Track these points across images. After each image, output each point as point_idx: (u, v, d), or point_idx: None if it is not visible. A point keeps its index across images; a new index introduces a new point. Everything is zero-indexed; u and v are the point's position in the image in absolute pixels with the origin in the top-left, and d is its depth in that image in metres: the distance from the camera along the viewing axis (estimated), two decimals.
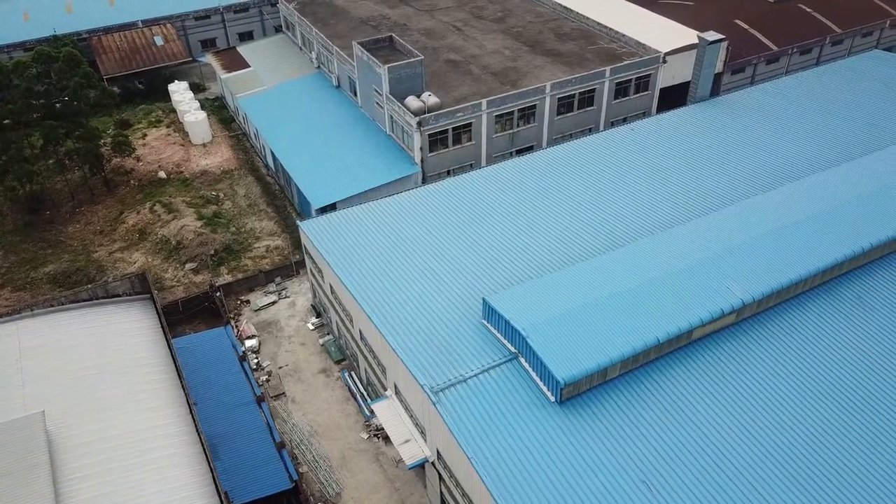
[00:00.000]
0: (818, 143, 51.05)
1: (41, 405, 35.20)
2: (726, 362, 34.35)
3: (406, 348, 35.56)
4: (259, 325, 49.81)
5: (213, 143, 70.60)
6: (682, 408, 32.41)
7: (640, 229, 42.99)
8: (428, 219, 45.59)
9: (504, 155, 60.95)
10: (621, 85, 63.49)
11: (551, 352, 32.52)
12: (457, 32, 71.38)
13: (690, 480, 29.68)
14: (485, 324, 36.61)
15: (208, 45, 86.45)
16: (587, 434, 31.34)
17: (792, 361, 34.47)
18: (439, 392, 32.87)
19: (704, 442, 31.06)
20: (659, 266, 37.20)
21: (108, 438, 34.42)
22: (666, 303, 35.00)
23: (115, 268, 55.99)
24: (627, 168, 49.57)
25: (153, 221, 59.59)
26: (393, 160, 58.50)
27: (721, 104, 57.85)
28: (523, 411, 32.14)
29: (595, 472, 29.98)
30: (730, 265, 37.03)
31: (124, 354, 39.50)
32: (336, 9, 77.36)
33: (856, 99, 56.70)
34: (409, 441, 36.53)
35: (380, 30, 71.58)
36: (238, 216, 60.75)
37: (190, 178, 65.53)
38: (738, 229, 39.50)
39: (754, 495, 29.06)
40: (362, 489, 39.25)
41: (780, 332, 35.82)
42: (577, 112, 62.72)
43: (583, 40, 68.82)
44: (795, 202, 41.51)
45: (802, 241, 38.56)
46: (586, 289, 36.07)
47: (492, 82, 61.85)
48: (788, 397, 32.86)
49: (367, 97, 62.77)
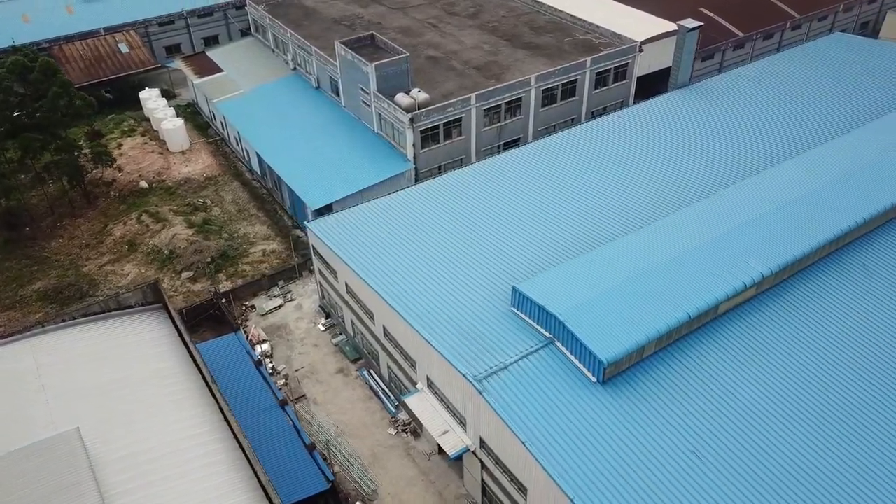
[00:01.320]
0: (807, 121, 53.40)
1: (70, 422, 34.17)
2: (751, 334, 35.71)
3: (441, 340, 35.84)
4: (268, 330, 49.28)
5: (192, 149, 69.27)
6: (716, 379, 33.59)
7: (653, 210, 44.14)
8: (439, 211, 45.93)
9: (492, 148, 61.67)
10: (601, 75, 64.89)
11: (590, 334, 33.27)
12: (433, 29, 71.72)
13: (734, 447, 30.84)
14: (514, 311, 37.14)
15: (173, 51, 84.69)
16: (631, 410, 32.20)
17: (811, 329, 36.06)
18: (483, 380, 33.25)
19: (741, 410, 32.27)
20: (679, 245, 38.41)
21: (144, 451, 33.67)
22: (691, 280, 36.18)
23: (108, 281, 54.54)
24: (631, 152, 50.96)
25: (142, 232, 58.23)
26: (384, 158, 58.50)
27: (702, 89, 59.72)
28: (567, 393, 32.79)
29: (644, 445, 30.85)
30: (746, 241, 38.48)
31: (146, 365, 38.62)
32: (307, 10, 76.77)
33: (830, 78, 59.35)
34: (447, 432, 36.80)
35: (354, 29, 71.39)
36: (229, 222, 59.83)
37: (173, 186, 64.19)
38: (748, 205, 41.08)
39: (794, 458, 30.35)
40: (398, 484, 39.34)
41: (796, 302, 37.41)
42: (560, 103, 63.83)
43: (558, 33, 70.00)
44: (798, 177, 43.36)
45: (809, 214, 40.34)
46: (613, 271, 36.98)
47: (476, 77, 62.41)
48: (812, 364, 34.39)
49: (351, 96, 62.54)
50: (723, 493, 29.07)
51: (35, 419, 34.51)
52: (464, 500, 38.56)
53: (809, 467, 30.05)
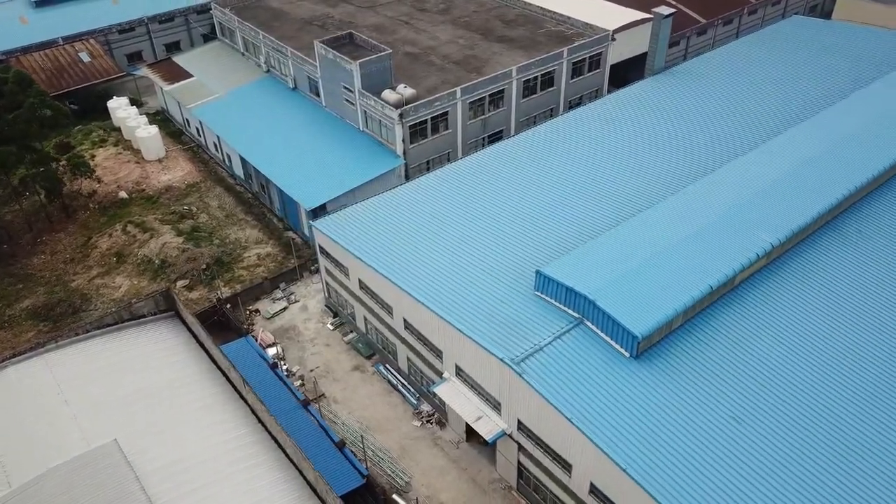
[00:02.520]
0: (790, 98, 55.82)
1: (102, 435, 33.43)
2: (767, 301, 37.29)
3: (472, 327, 36.27)
4: (276, 333, 48.83)
5: (169, 157, 67.88)
6: (742, 346, 34.98)
7: (661, 189, 45.46)
8: (446, 203, 46.40)
9: (477, 141, 62.37)
10: (577, 65, 66.24)
11: (622, 311, 34.22)
12: (406, 26, 71.94)
13: (770, 409, 32.20)
14: (539, 295, 37.83)
15: (135, 59, 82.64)
16: (667, 381, 33.28)
17: (820, 293, 37.93)
18: (520, 363, 33.84)
19: (771, 373, 33.71)
20: (691, 222, 39.80)
21: (184, 458, 33.17)
22: (708, 254, 37.56)
23: (100, 295, 53.14)
24: (630, 135, 52.43)
25: (129, 243, 56.87)
26: (373, 155, 58.49)
27: (679, 74, 61.63)
28: (603, 370, 33.66)
29: (684, 413, 31.95)
30: (753, 214, 40.15)
31: (168, 373, 37.98)
32: (275, 11, 76.03)
33: (799, 58, 62.00)
34: (481, 418, 37.27)
35: (327, 29, 71.11)
36: (218, 228, 58.92)
37: (154, 195, 62.82)
38: (750, 180, 42.91)
39: (825, 416, 31.89)
40: (430, 475, 39.62)
41: (803, 269, 39.24)
42: (540, 94, 64.91)
43: (530, 25, 71.11)
44: (791, 151, 45.40)
45: (807, 185, 42.30)
46: (632, 250, 38.07)
47: (457, 71, 62.95)
48: (828, 322, 36.17)
49: (333, 96, 62.30)
50: (766, 455, 30.36)
51: (66, 434, 33.63)
52: (498, 485, 39.09)
53: (844, 422, 31.63)
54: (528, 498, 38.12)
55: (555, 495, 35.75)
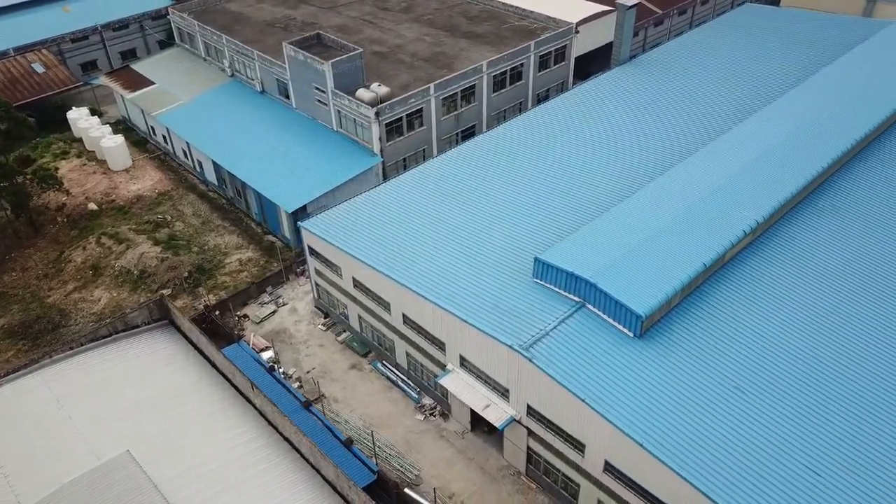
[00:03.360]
0: (754, 82, 57.75)
1: (111, 447, 32.88)
2: (756, 276, 38.75)
3: (476, 317, 36.73)
4: (267, 336, 48.40)
5: (136, 166, 66.51)
6: (737, 319, 36.28)
7: (644, 174, 46.65)
8: (434, 197, 46.77)
9: (451, 137, 62.87)
10: (543, 58, 67.34)
11: (623, 292, 35.16)
12: (371, 25, 71.96)
13: (769, 379, 33.48)
14: (538, 282, 38.51)
15: (89, 68, 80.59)
16: (671, 358, 34.34)
17: (803, 265, 39.52)
18: (528, 349, 34.46)
19: (766, 343, 35.05)
20: (678, 204, 41.06)
21: (199, 465, 32.83)
22: (698, 234, 38.83)
23: (79, 309, 51.82)
24: (608, 121, 53.72)
25: (105, 255, 55.57)
26: (350, 155, 58.43)
27: (644, 63, 63.19)
28: (610, 351, 34.52)
29: (691, 387, 33.03)
30: (735, 194, 41.64)
31: (170, 382, 37.48)
32: (234, 15, 75.15)
33: (756, 44, 64.30)
34: (489, 406, 37.77)
35: (290, 31, 70.64)
36: (196, 235, 58.03)
37: (125, 205, 61.49)
38: (728, 161, 44.47)
39: (820, 379, 33.35)
40: (438, 466, 39.95)
41: (785, 243, 40.86)
42: (509, 87, 65.78)
43: (494, 20, 71.96)
44: (763, 131, 47.31)
45: (782, 163, 44.02)
46: (624, 234, 39.07)
47: (427, 68, 63.32)
48: (813, 294, 37.74)
49: (304, 97, 61.96)
50: (769, 419, 31.62)
51: (73, 450, 32.92)
52: (507, 471, 39.65)
53: (837, 383, 33.15)
54: (538, 482, 38.80)
55: (566, 476, 36.51)
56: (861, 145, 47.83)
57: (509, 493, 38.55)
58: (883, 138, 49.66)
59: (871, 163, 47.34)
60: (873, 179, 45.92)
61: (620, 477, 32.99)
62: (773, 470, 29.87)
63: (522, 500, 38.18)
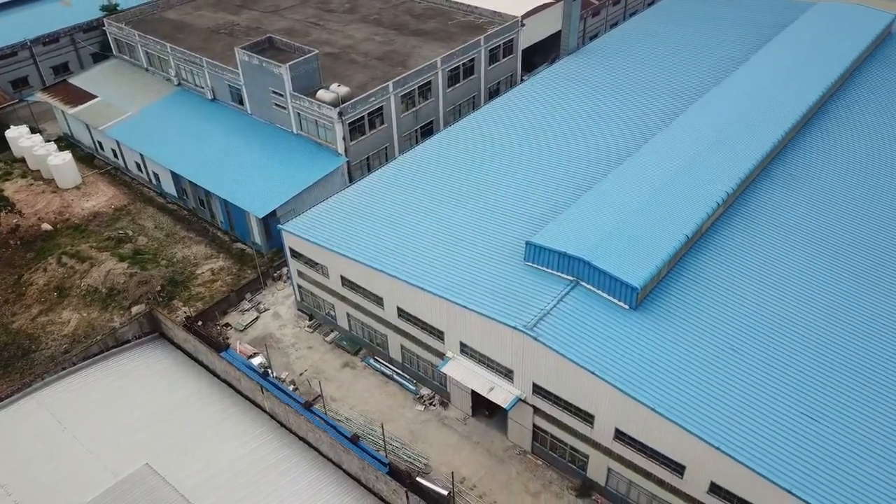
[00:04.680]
0: (699, 63, 60.82)
1: (125, 463, 32.18)
2: (731, 243, 41.06)
3: (475, 303, 37.59)
4: (254, 343, 47.94)
5: (87, 183, 64.42)
6: (722, 286, 38.40)
7: (614, 155, 48.49)
8: (410, 191, 47.42)
9: (411, 133, 63.51)
10: (493, 52, 68.70)
11: (617, 267, 36.72)
12: (317, 27, 71.78)
13: (760, 338, 35.63)
14: (530, 264, 39.67)
15: (20, 85, 77.21)
16: (668, 326, 36.10)
17: (770, 230, 42.13)
18: (533, 328, 35.56)
19: (752, 305, 37.25)
20: (652, 179, 43.06)
21: (218, 472, 32.56)
22: (676, 209, 40.84)
23: (48, 333, 49.99)
24: (571, 108, 55.59)
25: (68, 275, 53.73)
26: (314, 156, 58.30)
27: (592, 52, 65.38)
28: (609, 324, 35.99)
29: (690, 352, 34.85)
30: (703, 169, 43.99)
31: (172, 393, 36.89)
32: (175, 23, 73.58)
33: (696, 27, 67.58)
34: (493, 388, 38.69)
35: (236, 36, 69.80)
36: (161, 248, 56.75)
37: (81, 223, 59.52)
38: (689, 140, 46.96)
39: (805, 334, 35.73)
40: (446, 453, 40.61)
41: (751, 212, 43.40)
42: (463, 82, 66.86)
43: (440, 17, 72.94)
44: (720, 108, 50.04)
45: (741, 138, 46.71)
46: (607, 212, 40.75)
47: (381, 67, 63.73)
48: (783, 255, 40.28)
49: (259, 102, 61.38)
50: (765, 375, 33.72)
51: (86, 469, 32.10)
52: (512, 451, 40.66)
53: (821, 337, 35.60)
54: (545, 458, 39.98)
55: (574, 449, 37.82)
56: (807, 118, 51.06)
57: (518, 472, 39.58)
58: (822, 111, 53.17)
59: (816, 134, 50.63)
60: (819, 149, 49.15)
61: (631, 443, 34.48)
62: (774, 420, 31.91)
63: (531, 477, 39.26)
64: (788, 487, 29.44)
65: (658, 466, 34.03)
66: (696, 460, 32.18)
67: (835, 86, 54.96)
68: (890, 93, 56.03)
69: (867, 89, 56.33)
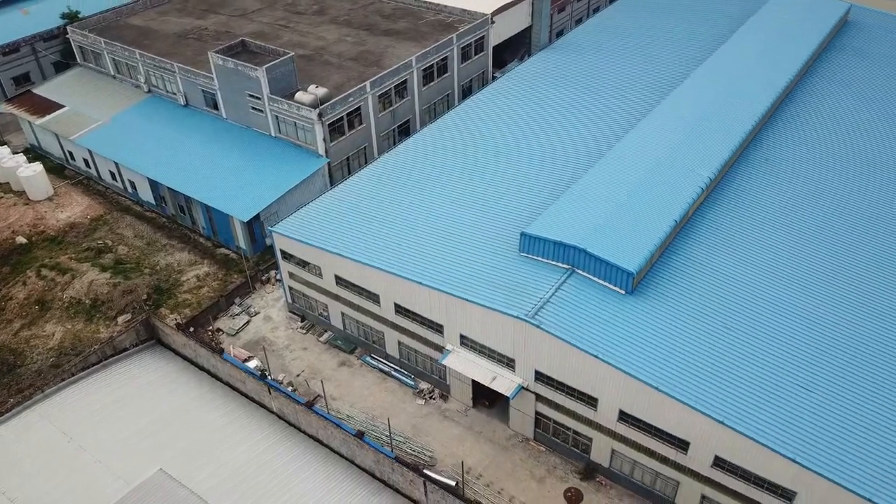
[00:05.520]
0: (670, 53, 62.37)
1: (138, 470, 31.92)
2: (716, 227, 42.39)
3: (475, 295, 38.16)
4: (247, 347, 47.72)
5: (59, 194, 63.17)
6: (713, 269, 39.65)
7: (596, 146, 49.56)
8: (398, 189, 47.83)
9: (389, 133, 63.83)
10: (465, 49, 69.42)
11: (612, 254, 37.69)
12: (288, 30, 71.56)
13: (752, 315, 36.94)
14: (524, 255, 40.42)
15: None
16: (663, 308, 37.19)
17: (752, 213, 43.63)
18: (535, 317, 36.29)
19: (740, 285, 38.56)
20: (637, 168, 44.25)
21: (232, 474, 32.54)
22: (662, 194, 42.06)
23: (32, 347, 48.97)
24: (549, 103, 56.58)
25: (49, 287, 52.71)
26: (294, 159, 58.19)
27: (563, 47, 66.56)
28: (606, 309, 36.93)
29: (687, 331, 35.98)
30: (685, 155, 45.31)
31: (175, 398, 36.71)
32: (140, 30, 72.57)
33: (662, 19, 69.37)
34: (496, 378, 39.32)
35: (205, 41, 69.24)
36: (143, 257, 56.02)
37: (57, 235, 58.38)
38: (669, 128, 48.29)
39: (790, 310, 37.17)
40: (450, 445, 41.08)
41: (734, 196, 44.89)
42: (437, 80, 67.42)
43: (410, 17, 73.37)
44: (697, 96, 51.56)
45: (719, 124, 48.29)
46: (596, 201, 41.76)
47: (356, 67, 63.92)
48: (768, 236, 41.80)
49: (235, 106, 61.00)
50: (760, 351, 35.01)
51: (97, 479, 31.80)
52: (515, 439, 41.35)
53: (805, 312, 37.09)
54: (548, 444, 40.75)
55: (577, 433, 38.67)
56: (776, 104, 52.94)
57: (522, 459, 40.28)
58: (789, 97, 55.17)
59: (785, 119, 52.52)
60: (789, 134, 51.01)
61: (635, 423, 35.44)
62: (771, 392, 33.22)
63: (535, 463, 40.00)
64: (792, 456, 30.69)
65: (662, 444, 35.06)
66: (700, 436, 33.27)
67: (801, 72, 57.02)
68: (851, 78, 58.38)
69: (828, 76, 58.57)
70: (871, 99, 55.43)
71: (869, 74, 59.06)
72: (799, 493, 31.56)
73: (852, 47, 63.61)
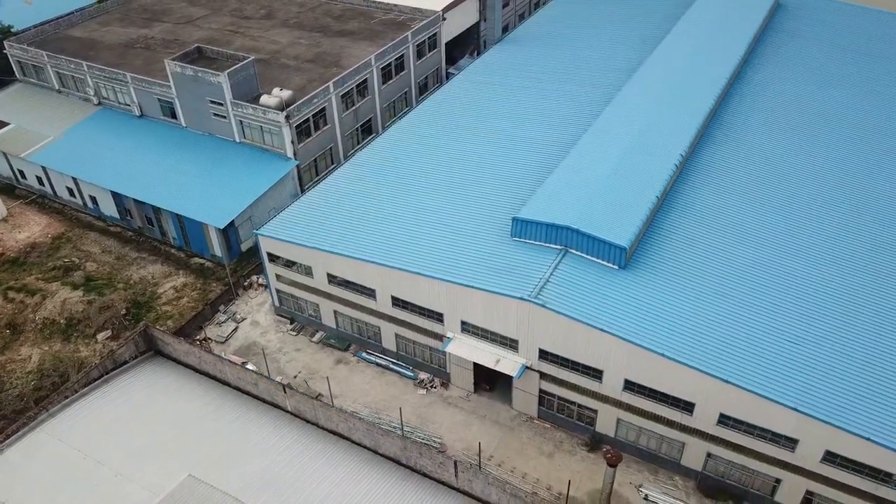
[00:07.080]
0: (620, 40, 64.75)
1: (165, 478, 31.53)
2: (692, 200, 44.59)
3: (478, 280, 39.10)
4: (238, 353, 47.26)
5: (14, 214, 60.85)
6: (696, 239, 41.77)
7: (570, 130, 51.21)
8: (383, 183, 48.35)
9: (353, 132, 64.09)
10: (419, 47, 70.24)
11: (603, 231, 39.30)
12: (239, 35, 70.80)
13: (740, 280, 39.12)
14: (517, 239, 41.59)
15: None
16: (657, 279, 39.00)
17: (723, 184, 46.09)
18: (537, 297, 37.49)
19: (725, 254, 40.75)
20: (610, 152, 46.02)
21: (257, 474, 32.41)
22: (640, 172, 44.02)
23: (9, 372, 47.20)
24: (515, 93, 58.08)
25: (19, 310, 50.86)
26: (262, 163, 57.84)
27: (516, 40, 68.16)
28: (604, 284, 38.48)
29: (681, 300, 37.85)
30: (655, 135, 47.47)
31: (187, 405, 36.28)
32: (82, 41, 70.46)
33: (606, 11, 71.76)
34: (500, 360, 40.34)
35: (154, 50, 67.90)
36: (115, 272, 54.62)
37: (18, 256, 56.29)
38: (638, 108, 50.43)
39: (782, 275, 39.55)
40: (457, 430, 41.86)
41: (704, 170, 47.25)
42: (395, 78, 68.01)
43: (361, 17, 73.72)
44: (659, 75, 53.98)
45: (681, 106, 50.67)
46: (579, 183, 43.43)
47: (315, 69, 63.93)
48: (740, 205, 44.26)
49: (196, 113, 60.13)
50: (751, 313, 37.19)
51: (121, 491, 31.31)
52: (520, 419, 42.46)
53: (793, 276, 39.54)
54: (552, 420, 42.02)
55: (581, 406, 40.08)
56: (730, 83, 55.86)
57: (529, 437, 41.43)
58: (739, 76, 58.29)
59: (738, 98, 55.48)
60: (744, 110, 53.94)
61: (640, 390, 37.07)
62: (764, 347, 35.49)
63: (542, 440, 41.22)
64: (793, 405, 32.83)
65: (668, 408, 36.79)
66: (704, 396, 35.12)
67: (747, 52, 60.24)
68: (790, 56, 62.05)
69: (770, 55, 62.10)
70: (811, 73, 59.21)
71: (803, 52, 62.95)
72: (801, 441, 33.77)
73: (786, 29, 67.46)
